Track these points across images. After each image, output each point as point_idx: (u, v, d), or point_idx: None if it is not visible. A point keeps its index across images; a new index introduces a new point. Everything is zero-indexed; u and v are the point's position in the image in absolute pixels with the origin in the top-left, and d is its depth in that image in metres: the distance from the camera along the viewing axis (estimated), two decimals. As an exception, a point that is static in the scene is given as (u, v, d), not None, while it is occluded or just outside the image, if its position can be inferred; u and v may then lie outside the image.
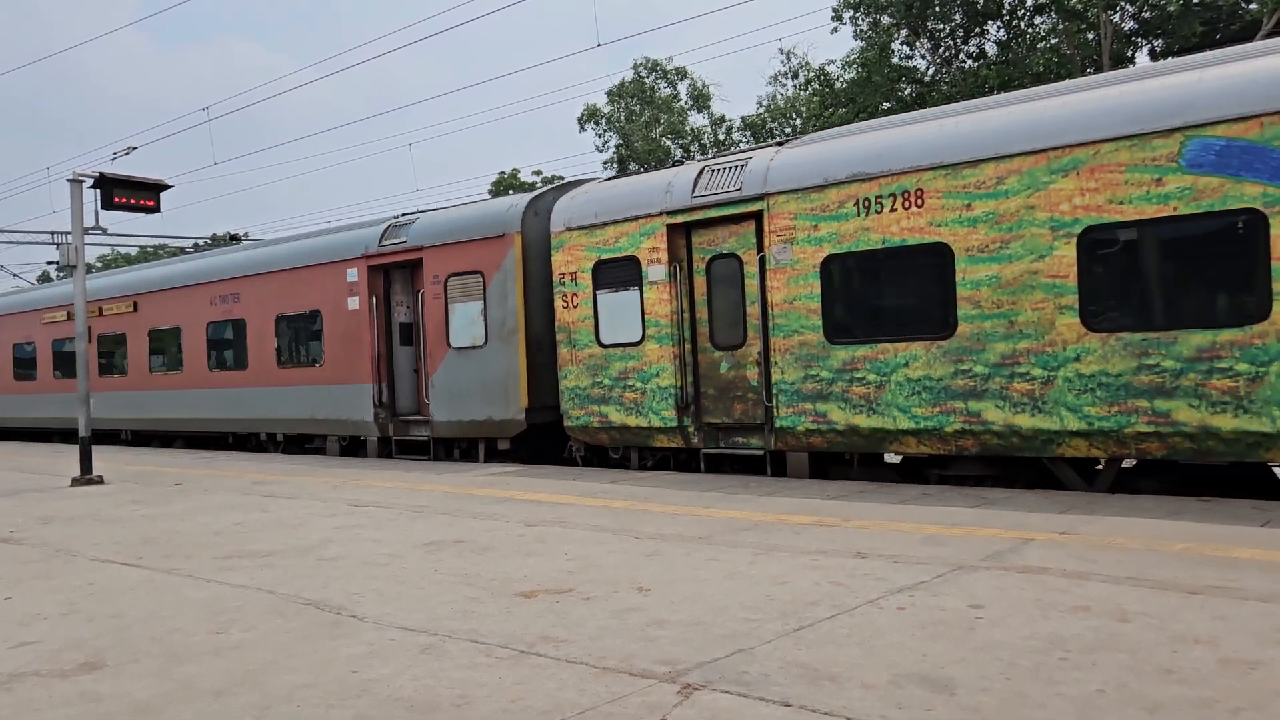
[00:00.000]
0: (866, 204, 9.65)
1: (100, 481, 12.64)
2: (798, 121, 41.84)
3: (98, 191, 13.11)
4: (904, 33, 32.04)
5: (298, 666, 4.35)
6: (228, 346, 17.55)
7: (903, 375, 9.40)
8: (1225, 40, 25.71)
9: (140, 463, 15.60)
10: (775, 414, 10.36)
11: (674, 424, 11.17)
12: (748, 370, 10.76)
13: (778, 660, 4.11)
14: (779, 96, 44.54)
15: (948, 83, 30.88)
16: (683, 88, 48.32)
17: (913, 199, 9.36)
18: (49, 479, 13.59)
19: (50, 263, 41.96)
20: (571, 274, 12.12)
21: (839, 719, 3.45)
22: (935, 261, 9.20)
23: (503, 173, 49.94)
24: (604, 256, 11.77)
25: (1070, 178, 8.45)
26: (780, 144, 10.98)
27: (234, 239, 33.77)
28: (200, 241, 35.89)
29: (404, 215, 14.90)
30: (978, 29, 31.37)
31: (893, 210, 9.47)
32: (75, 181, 13.18)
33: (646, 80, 47.68)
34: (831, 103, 34.38)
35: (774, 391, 10.36)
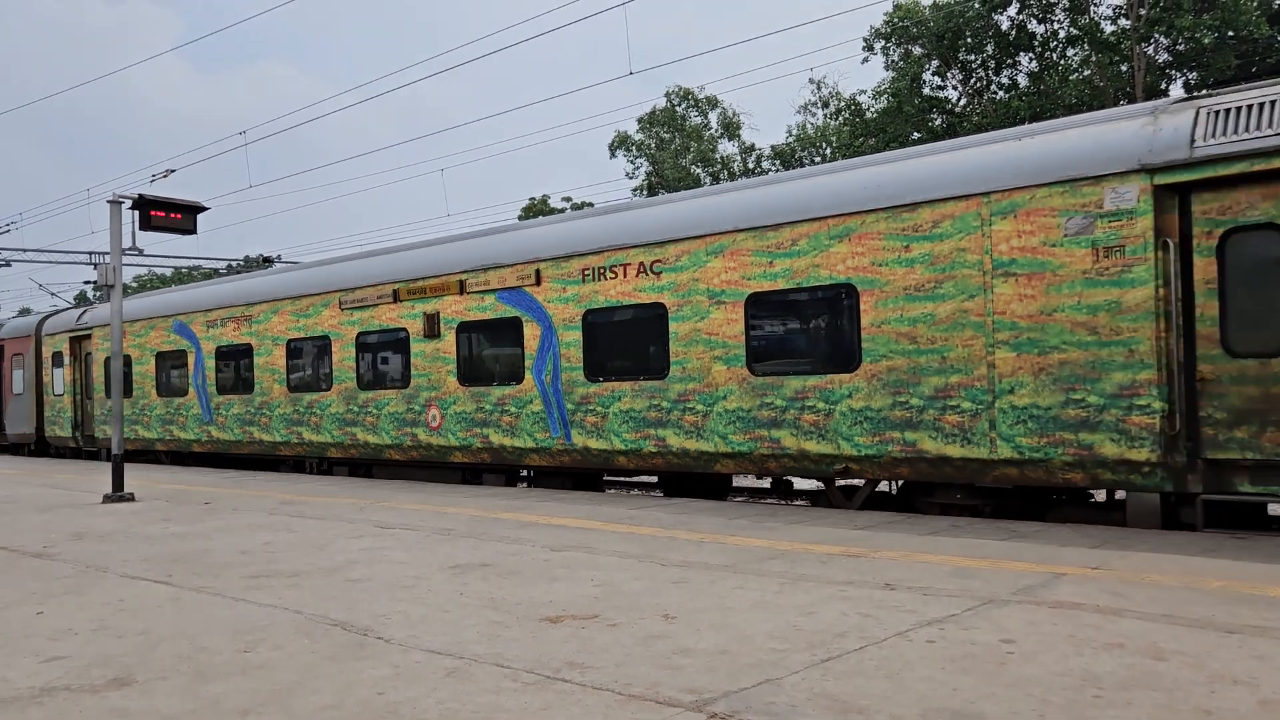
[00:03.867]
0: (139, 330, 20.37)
1: (131, 499, 12.78)
2: (828, 151, 41.87)
3: (135, 213, 13.35)
4: (935, 63, 32.06)
5: (323, 687, 4.36)
6: None
7: (155, 414, 19.77)
8: (1261, 74, 25.47)
9: (171, 481, 15.77)
10: (95, 429, 21.81)
11: (71, 435, 23.01)
12: (94, 409, 21.83)
13: (805, 691, 4.07)
14: (809, 126, 44.64)
15: (978, 114, 30.82)
16: (713, 116, 48.56)
17: (152, 329, 19.86)
18: (81, 495, 13.75)
19: (88, 283, 42.62)
20: (48, 357, 23.83)
21: (868, 753, 3.40)
22: (184, 359, 18.90)
23: (533, 198, 50.30)
24: (54, 350, 23.57)
25: (284, 314, 17.18)
26: (128, 295, 21.55)
27: (267, 261, 34.17)
28: (234, 263, 36.36)
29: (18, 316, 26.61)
30: (1009, 60, 31.33)
31: (149, 333, 19.87)
32: (114, 203, 13.43)
33: (678, 108, 47.96)
34: (862, 132, 34.42)
35: (95, 418, 21.74)
